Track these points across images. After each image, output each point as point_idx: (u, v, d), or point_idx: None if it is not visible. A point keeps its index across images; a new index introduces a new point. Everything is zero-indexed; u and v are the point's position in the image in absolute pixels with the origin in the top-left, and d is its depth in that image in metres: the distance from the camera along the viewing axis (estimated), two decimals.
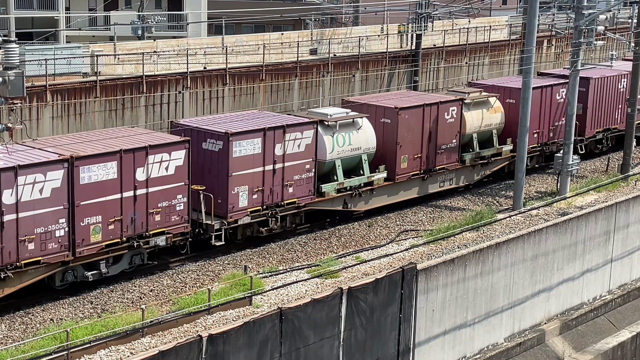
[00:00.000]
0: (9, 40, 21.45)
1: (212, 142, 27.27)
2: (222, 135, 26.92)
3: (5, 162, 22.48)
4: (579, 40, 33.38)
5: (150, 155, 24.73)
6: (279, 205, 28.42)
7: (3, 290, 22.53)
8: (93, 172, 23.65)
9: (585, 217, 30.80)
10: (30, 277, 23.06)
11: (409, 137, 32.16)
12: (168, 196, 25.19)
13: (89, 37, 55.52)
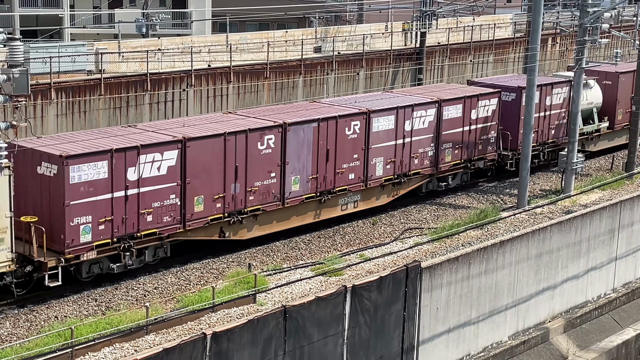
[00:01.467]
0: (13, 38, 21.46)
1: None
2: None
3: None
4: (584, 38, 33.33)
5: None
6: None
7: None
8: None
9: (590, 215, 30.77)
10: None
11: None
12: None
13: (93, 34, 55.58)
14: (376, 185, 30.84)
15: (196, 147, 25.40)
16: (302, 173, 28.43)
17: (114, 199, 23.84)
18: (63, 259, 23.03)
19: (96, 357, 19.97)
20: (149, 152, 24.38)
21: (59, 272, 22.95)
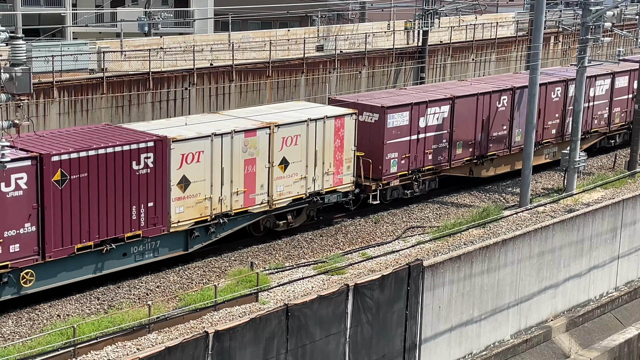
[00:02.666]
0: (16, 36, 21.47)
1: None
2: None
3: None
4: (586, 36, 33.31)
5: None
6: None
7: None
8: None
9: (592, 213, 30.76)
10: None
11: None
12: None
13: (95, 33, 55.61)
14: None
15: (460, 103, 33.26)
16: (522, 127, 34.93)
17: (411, 141, 31.72)
18: (381, 184, 30.75)
19: (98, 355, 19.99)
20: (433, 106, 32.32)
21: (377, 194, 30.77)
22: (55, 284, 23.16)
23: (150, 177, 24.26)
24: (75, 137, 24.16)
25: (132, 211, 23.99)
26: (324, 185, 28.94)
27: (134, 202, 23.96)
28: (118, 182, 23.62)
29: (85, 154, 22.87)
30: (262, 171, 27.07)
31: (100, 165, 23.19)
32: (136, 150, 23.82)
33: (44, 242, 22.40)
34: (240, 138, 26.30)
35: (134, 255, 24.64)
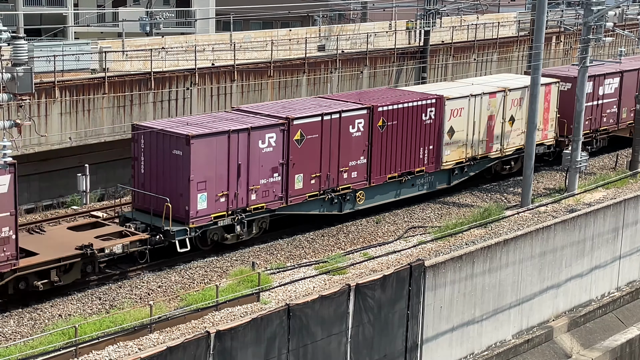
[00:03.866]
0: (17, 36, 21.49)
1: None
2: None
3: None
4: (588, 36, 33.29)
5: None
6: None
7: None
8: None
9: (594, 213, 30.74)
10: None
11: None
12: None
13: (97, 33, 55.67)
14: None
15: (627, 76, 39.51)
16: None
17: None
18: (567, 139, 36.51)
19: (100, 355, 20.00)
20: None
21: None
22: (373, 204, 31.16)
23: (432, 127, 32.28)
24: (385, 95, 32.94)
25: (420, 152, 32.04)
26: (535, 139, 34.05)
27: (420, 145, 32.02)
28: (413, 129, 31.66)
29: (394, 106, 31.01)
30: (497, 125, 34.83)
31: (403, 115, 31.27)
32: (425, 105, 32.05)
33: (370, 172, 30.47)
34: (485, 99, 34.11)
35: (418, 186, 32.61)
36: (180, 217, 25.75)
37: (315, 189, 28.97)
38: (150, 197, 26.18)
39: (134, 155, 26.90)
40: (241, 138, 26.56)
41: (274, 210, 28.07)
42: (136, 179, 26.97)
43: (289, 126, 27.73)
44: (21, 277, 22.29)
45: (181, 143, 25.52)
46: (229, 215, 26.70)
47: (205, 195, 25.96)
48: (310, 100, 32.03)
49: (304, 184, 28.57)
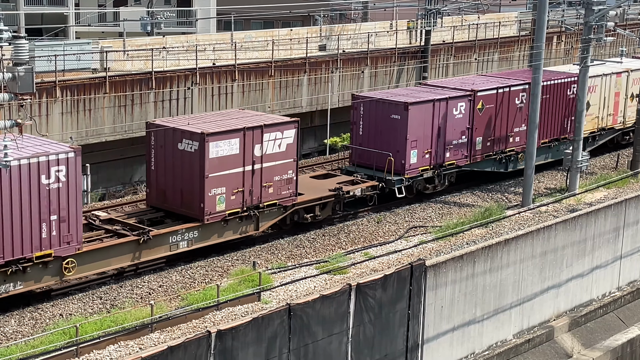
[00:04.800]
0: (18, 36, 21.48)
1: None
2: None
3: None
4: (589, 36, 33.28)
5: None
6: None
7: None
8: None
9: (595, 213, 30.74)
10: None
11: None
12: None
13: (98, 33, 55.68)
14: None
15: None
16: None
17: None
18: None
19: (101, 354, 20.01)
20: None
21: None
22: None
23: (574, 100, 35.90)
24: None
25: (565, 122, 37.42)
26: None
27: (566, 116, 37.36)
28: (562, 102, 37.09)
29: (549, 82, 36.08)
30: (621, 101, 40.22)
31: (554, 90, 36.56)
32: (570, 82, 37.28)
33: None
34: (613, 78, 39.58)
35: (561, 151, 36.46)
36: (397, 170, 31.72)
37: (491, 150, 34.98)
38: (370, 153, 32.02)
39: (353, 120, 33.02)
40: (442, 106, 32.80)
41: (460, 167, 34.30)
42: (354, 139, 33.05)
43: (474, 97, 33.96)
44: (295, 210, 28.67)
45: (400, 109, 31.70)
46: (430, 169, 32.79)
47: (415, 152, 32.11)
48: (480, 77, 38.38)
49: (482, 145, 34.59)
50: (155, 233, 25.02)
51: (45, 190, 22.15)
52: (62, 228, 22.68)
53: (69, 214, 22.74)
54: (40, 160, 22.02)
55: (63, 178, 22.44)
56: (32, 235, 22.13)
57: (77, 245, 23.09)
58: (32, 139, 23.50)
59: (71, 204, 22.77)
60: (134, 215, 26.87)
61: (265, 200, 27.34)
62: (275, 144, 27.41)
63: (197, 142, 25.73)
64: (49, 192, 22.20)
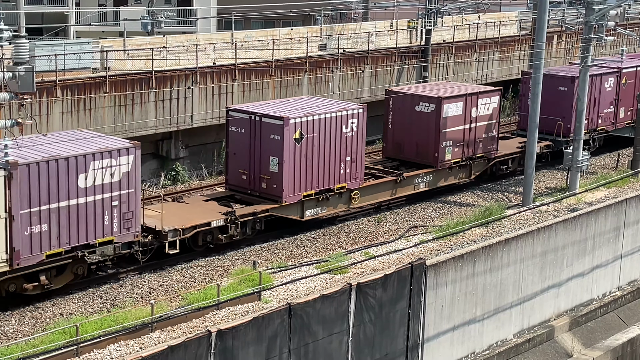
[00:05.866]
0: (19, 35, 21.50)
1: None
2: None
3: None
4: (589, 35, 33.27)
5: None
6: None
7: None
8: None
9: (595, 213, 30.73)
10: None
11: None
12: None
13: (98, 32, 55.64)
14: None
15: None
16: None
17: None
18: None
19: (101, 354, 20.01)
20: None
21: None
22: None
23: None
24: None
25: None
26: None
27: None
28: None
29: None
30: None
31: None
32: None
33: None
34: None
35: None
36: (564, 133, 37.92)
37: (629, 119, 40.86)
38: (542, 119, 33.65)
39: (522, 92, 39.43)
40: (597, 80, 38.90)
41: (608, 132, 40.42)
42: (523, 108, 38.54)
43: (620, 73, 40.26)
44: (495, 163, 36.09)
45: (567, 82, 38.15)
46: (587, 132, 38.05)
47: None
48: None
49: (624, 114, 40.58)
50: (407, 175, 32.12)
51: (344, 137, 29.46)
52: (352, 167, 30.05)
53: (357, 156, 30.05)
54: (342, 114, 29.34)
55: (355, 128, 29.84)
56: (337, 171, 29.59)
57: (360, 181, 30.42)
58: (320, 99, 32.26)
59: (359, 149, 30.12)
60: (378, 164, 34.04)
61: (477, 152, 34.31)
62: (485, 107, 34.31)
63: (433, 104, 32.97)
64: (346, 139, 29.55)
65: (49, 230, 22.46)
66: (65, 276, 23.55)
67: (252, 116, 28.66)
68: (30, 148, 23.01)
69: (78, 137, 24.64)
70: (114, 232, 23.77)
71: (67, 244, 22.89)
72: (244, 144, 28.97)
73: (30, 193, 21.99)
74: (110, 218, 23.64)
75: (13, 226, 21.74)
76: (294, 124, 28.05)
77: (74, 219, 22.90)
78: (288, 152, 27.95)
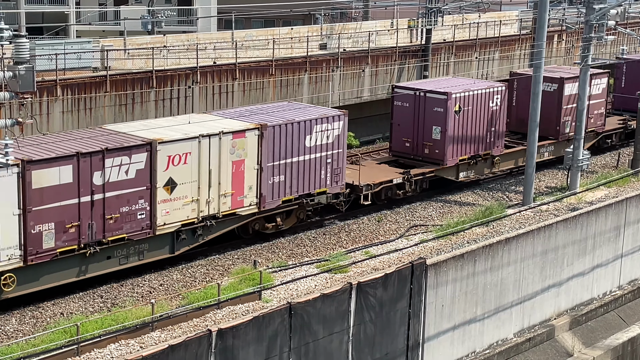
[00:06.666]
0: (19, 35, 21.49)
1: None
2: None
3: None
4: (590, 35, 33.26)
5: None
6: None
7: None
8: None
9: (596, 212, 30.73)
10: None
11: None
12: None
13: (99, 32, 55.64)
14: None
15: None
16: None
17: None
18: None
19: (102, 353, 20.01)
20: None
21: None
22: None
23: None
24: None
25: None
26: None
27: None
28: None
29: None
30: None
31: None
32: None
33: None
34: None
35: None
36: None
37: None
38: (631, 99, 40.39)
39: (616, 75, 44.93)
40: None
41: None
42: (617, 89, 44.86)
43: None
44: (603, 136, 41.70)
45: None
46: None
47: None
48: None
49: None
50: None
51: (490, 111, 34.60)
52: (495, 136, 35.13)
53: (499, 127, 35.10)
54: (489, 91, 34.60)
55: (499, 103, 34.94)
56: (485, 139, 34.78)
57: (501, 149, 35.44)
58: (464, 78, 38.82)
59: (500, 121, 34.98)
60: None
61: (589, 127, 38.73)
62: (596, 87, 39.17)
63: (556, 84, 37.70)
64: (492, 112, 34.68)
65: (284, 181, 27.97)
66: (291, 219, 29.05)
67: (416, 92, 33.99)
68: (270, 114, 28.81)
69: (294, 107, 30.36)
70: (327, 185, 29.33)
71: (296, 192, 28.43)
72: (408, 116, 34.34)
73: (273, 149, 27.54)
74: (325, 173, 29.17)
75: (262, 176, 27.22)
76: (455, 98, 33.45)
77: (301, 172, 28.42)
78: (449, 122, 33.36)
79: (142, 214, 24.42)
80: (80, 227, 23.16)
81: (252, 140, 26.83)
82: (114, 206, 23.79)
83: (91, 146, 23.65)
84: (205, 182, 25.77)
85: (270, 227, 28.17)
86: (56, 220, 22.71)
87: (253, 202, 27.17)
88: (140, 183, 24.24)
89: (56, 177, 22.58)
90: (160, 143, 24.52)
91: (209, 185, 25.87)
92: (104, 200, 23.54)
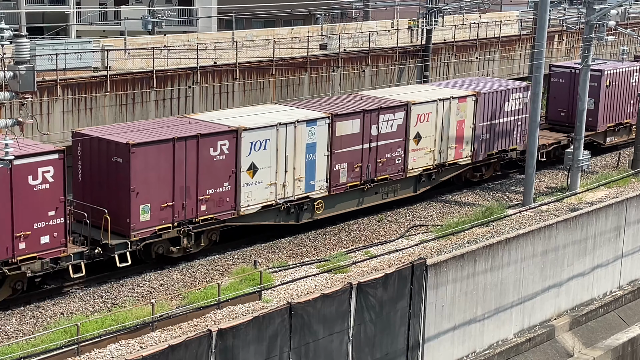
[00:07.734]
0: (20, 34, 21.48)
1: None
2: None
3: None
4: (590, 35, 33.26)
5: None
6: None
7: None
8: None
9: (596, 212, 30.72)
10: None
11: None
12: None
13: (99, 32, 55.63)
14: None
15: None
16: None
17: None
18: None
19: (102, 353, 20.02)
20: None
21: None
22: None
23: None
24: None
25: None
26: None
27: None
28: None
29: None
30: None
31: None
32: None
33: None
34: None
35: None
36: None
37: None
38: None
39: None
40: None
41: None
42: None
43: None
44: None
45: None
46: None
47: None
48: None
49: None
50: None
51: (631, 86, 40.84)
52: (634, 108, 40.58)
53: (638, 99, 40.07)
54: (632, 69, 40.52)
55: (638, 80, 41.21)
56: (626, 110, 40.98)
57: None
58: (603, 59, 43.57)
59: None
60: None
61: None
62: None
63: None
64: (632, 87, 40.86)
65: (489, 139, 34.64)
66: (489, 171, 35.80)
67: (572, 70, 39.62)
68: (476, 86, 35.27)
69: (488, 80, 37.65)
70: (517, 143, 35.74)
71: (497, 148, 35.04)
72: (563, 90, 40.10)
73: (483, 112, 34.07)
74: (516, 133, 35.57)
75: (475, 133, 33.85)
76: (607, 74, 39.50)
77: (501, 132, 34.93)
78: (602, 94, 39.33)
79: (399, 160, 31.32)
80: (362, 168, 30.09)
81: (470, 104, 33.45)
82: (382, 152, 30.54)
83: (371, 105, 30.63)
84: (439, 135, 32.60)
85: (477, 176, 34.95)
86: (348, 161, 29.61)
87: (468, 154, 33.86)
88: (399, 135, 31.10)
89: (349, 127, 29.50)
90: (414, 105, 31.40)
91: (442, 138, 32.70)
92: (377, 148, 30.40)
